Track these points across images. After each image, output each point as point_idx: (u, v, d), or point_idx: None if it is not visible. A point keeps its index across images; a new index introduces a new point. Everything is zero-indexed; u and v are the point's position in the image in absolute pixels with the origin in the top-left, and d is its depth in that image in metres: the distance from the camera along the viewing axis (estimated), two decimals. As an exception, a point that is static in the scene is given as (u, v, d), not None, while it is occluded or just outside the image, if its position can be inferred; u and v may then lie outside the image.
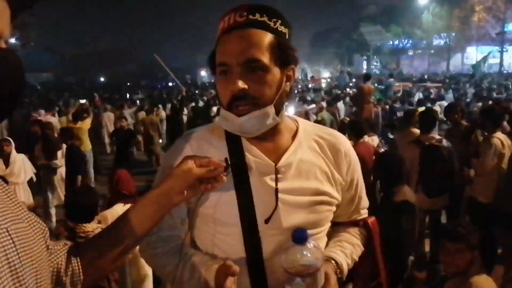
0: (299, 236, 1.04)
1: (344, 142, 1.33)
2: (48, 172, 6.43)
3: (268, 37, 1.13)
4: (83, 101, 15.11)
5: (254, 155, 1.21)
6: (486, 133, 4.55)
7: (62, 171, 6.54)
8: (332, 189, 1.26)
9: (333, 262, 1.25)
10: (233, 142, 1.23)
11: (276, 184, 1.18)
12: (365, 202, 1.43)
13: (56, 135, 9.29)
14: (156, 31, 54.88)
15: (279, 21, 1.17)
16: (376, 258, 1.46)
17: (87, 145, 8.17)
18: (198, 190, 1.07)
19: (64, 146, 6.54)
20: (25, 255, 0.81)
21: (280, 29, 1.16)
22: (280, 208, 1.17)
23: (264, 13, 1.14)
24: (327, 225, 1.31)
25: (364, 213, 1.44)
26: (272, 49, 1.13)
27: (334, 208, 1.29)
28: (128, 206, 3.33)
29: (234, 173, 1.15)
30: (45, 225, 0.99)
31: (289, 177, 1.20)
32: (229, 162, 1.09)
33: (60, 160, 6.43)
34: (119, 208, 3.30)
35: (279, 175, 1.19)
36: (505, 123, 5.38)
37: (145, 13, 58.45)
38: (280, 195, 1.17)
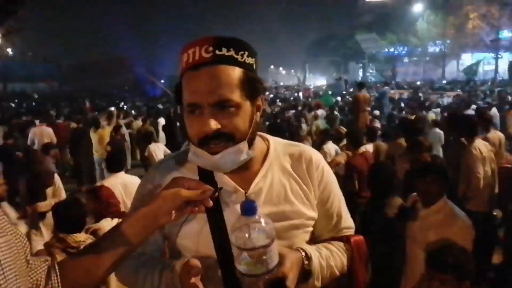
0: (248, 207, 0.99)
1: (315, 155, 1.31)
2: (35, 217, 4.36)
3: (236, 73, 1.10)
4: (112, 108, 15.14)
5: (224, 184, 1.19)
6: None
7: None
8: (306, 208, 1.24)
9: (302, 252, 1.18)
10: (204, 171, 1.21)
11: None
12: (346, 221, 1.37)
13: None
14: (152, 40, 55.03)
15: (246, 53, 1.13)
16: (357, 280, 1.36)
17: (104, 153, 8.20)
18: (185, 212, 1.06)
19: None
20: (9, 270, 0.80)
21: (247, 61, 1.14)
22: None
23: (230, 47, 1.10)
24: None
25: (347, 232, 1.37)
26: (242, 85, 1.11)
27: (309, 229, 1.27)
28: (115, 221, 3.32)
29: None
30: (26, 240, 0.97)
31: (260, 203, 1.16)
32: (219, 187, 1.08)
33: (49, 200, 4.45)
34: (106, 223, 3.25)
35: None
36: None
37: (141, 22, 58.69)
38: None
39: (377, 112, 12.61)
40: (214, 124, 1.08)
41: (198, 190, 1.04)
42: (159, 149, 6.90)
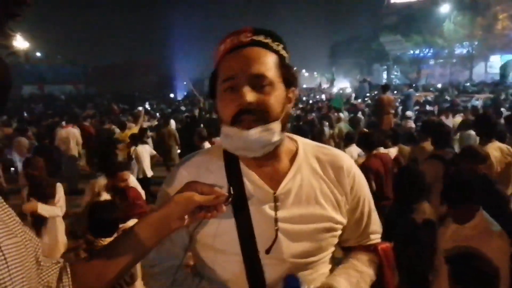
0: (291, 282, 1.01)
1: (345, 160, 1.28)
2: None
3: (273, 57, 1.14)
4: (140, 108, 15.40)
5: (252, 182, 1.17)
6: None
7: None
8: (336, 213, 1.21)
9: None
10: (232, 167, 1.19)
11: (276, 213, 1.14)
12: (375, 225, 1.34)
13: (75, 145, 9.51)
14: (176, 43, 55.67)
15: (281, 45, 1.17)
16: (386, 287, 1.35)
17: None
18: (197, 217, 1.05)
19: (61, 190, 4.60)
20: (16, 272, 0.80)
21: (281, 53, 1.17)
22: (280, 238, 1.13)
23: (268, 36, 1.15)
24: (331, 250, 1.25)
25: (375, 238, 1.35)
26: (277, 68, 1.13)
27: (338, 233, 1.24)
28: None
29: (233, 201, 1.11)
30: (38, 241, 0.97)
31: (288, 204, 1.16)
32: (232, 192, 1.06)
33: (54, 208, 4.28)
34: (132, 223, 3.28)
35: (278, 203, 1.15)
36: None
37: (166, 25, 59.47)
38: (279, 224, 1.14)
39: (409, 113, 12.36)
40: (250, 96, 1.07)
41: (211, 196, 1.03)
42: (145, 151, 7.09)
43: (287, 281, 1.00)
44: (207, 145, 6.83)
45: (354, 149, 6.16)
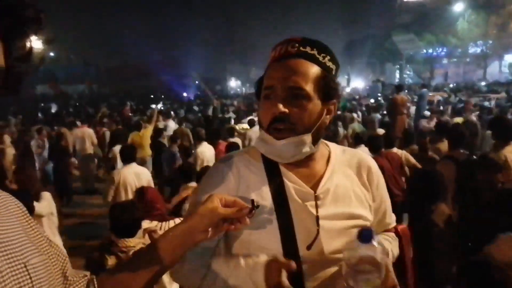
0: (366, 235, 1.04)
1: (371, 161, 1.39)
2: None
3: (315, 69, 1.19)
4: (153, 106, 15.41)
5: (292, 182, 1.24)
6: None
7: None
8: (366, 211, 1.30)
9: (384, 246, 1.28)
10: (271, 167, 1.26)
11: (317, 211, 1.21)
12: (391, 217, 1.46)
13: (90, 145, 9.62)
14: (187, 43, 55.87)
15: (328, 57, 1.23)
16: (406, 264, 1.48)
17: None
18: (222, 229, 1.09)
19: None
20: None
21: (328, 64, 1.22)
22: (321, 234, 1.20)
23: (315, 47, 1.21)
24: None
25: (393, 223, 1.48)
26: (317, 81, 1.19)
27: None
28: (154, 223, 3.36)
29: (274, 199, 1.20)
30: (66, 255, 0.99)
31: (327, 203, 1.23)
32: (256, 205, 1.10)
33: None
34: (145, 224, 3.31)
35: (318, 202, 1.22)
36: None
37: (177, 25, 59.71)
38: (320, 222, 1.20)
39: (427, 113, 12.28)
40: (282, 106, 1.16)
41: (235, 208, 1.06)
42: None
43: (362, 233, 1.04)
44: (205, 145, 6.80)
45: (364, 150, 6.21)
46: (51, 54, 47.33)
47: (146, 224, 3.33)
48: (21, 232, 0.84)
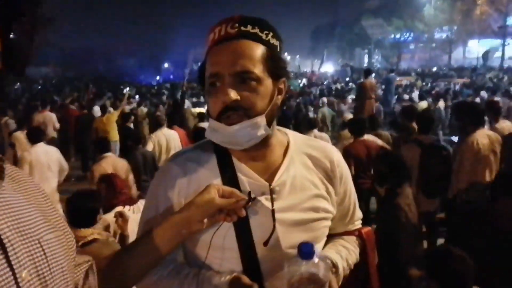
0: (306, 250, 0.99)
1: (335, 153, 1.30)
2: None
3: (260, 49, 1.12)
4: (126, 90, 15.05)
5: (246, 175, 1.17)
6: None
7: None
8: (328, 204, 1.23)
9: (328, 261, 1.20)
10: (224, 161, 1.20)
11: (272, 205, 1.15)
12: (359, 213, 1.40)
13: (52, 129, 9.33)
14: (155, 26, 54.69)
15: (271, 34, 1.15)
16: (370, 271, 1.43)
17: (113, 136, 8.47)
18: (217, 220, 1.06)
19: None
20: (56, 267, 0.80)
21: (272, 42, 1.15)
22: (278, 229, 1.14)
23: (256, 25, 1.13)
24: (323, 242, 1.28)
25: (358, 224, 1.42)
26: (265, 61, 1.11)
27: (329, 223, 1.27)
28: (127, 208, 3.32)
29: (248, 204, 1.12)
30: (73, 237, 0.98)
31: (284, 196, 1.17)
32: (253, 196, 1.07)
33: None
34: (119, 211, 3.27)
35: (274, 195, 1.16)
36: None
37: (144, 7, 58.29)
38: (277, 216, 1.14)
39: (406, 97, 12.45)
40: (233, 94, 1.08)
41: (232, 199, 1.04)
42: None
43: (301, 248, 0.99)
44: (163, 131, 6.67)
45: (317, 134, 6.35)
46: (11, 35, 45.42)
47: (119, 210, 3.27)
48: (35, 208, 0.82)
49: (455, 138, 7.01)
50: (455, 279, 2.03)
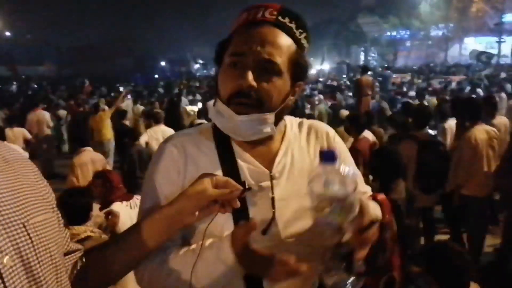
0: (328, 155, 0.92)
1: (328, 128, 1.28)
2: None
3: (290, 44, 1.09)
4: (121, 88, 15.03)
5: (246, 162, 1.13)
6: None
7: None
8: None
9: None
10: (223, 146, 1.15)
11: (272, 192, 1.11)
12: (363, 187, 1.29)
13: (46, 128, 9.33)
14: (151, 24, 54.52)
15: (304, 34, 1.12)
16: (391, 237, 1.22)
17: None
18: (211, 211, 1.00)
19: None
20: (44, 251, 0.77)
21: (303, 42, 1.12)
22: (278, 217, 1.10)
23: (293, 20, 1.10)
24: None
25: (368, 192, 1.29)
26: (291, 58, 1.08)
27: None
28: (124, 203, 3.32)
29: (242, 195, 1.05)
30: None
31: (283, 182, 1.13)
32: (247, 186, 1.02)
33: None
34: (118, 207, 3.29)
35: (273, 181, 1.12)
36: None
37: (141, 5, 58.08)
38: (276, 204, 1.11)
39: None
40: (252, 80, 1.03)
41: (226, 190, 0.98)
42: None
43: (323, 154, 0.93)
44: (159, 128, 6.65)
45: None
46: (8, 33, 45.19)
47: (117, 206, 3.30)
48: (24, 190, 0.79)
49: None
50: (452, 274, 2.02)
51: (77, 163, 5.18)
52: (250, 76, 1.03)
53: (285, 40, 1.07)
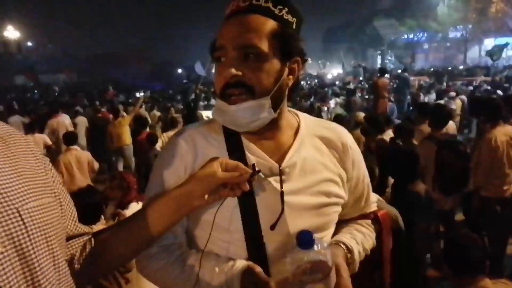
0: (305, 239, 0.93)
1: (347, 136, 1.25)
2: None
3: (270, 24, 1.06)
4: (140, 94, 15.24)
5: (255, 155, 1.12)
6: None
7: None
8: (339, 188, 1.18)
9: (342, 246, 1.15)
10: (232, 139, 1.14)
11: (281, 187, 1.09)
12: (373, 196, 1.36)
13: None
14: (169, 31, 55.13)
15: (286, 9, 1.09)
16: (384, 255, 1.38)
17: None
18: (221, 195, 1.00)
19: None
20: (39, 237, 0.76)
21: (286, 18, 1.09)
22: (286, 212, 1.08)
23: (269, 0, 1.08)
24: (333, 228, 1.23)
25: (374, 206, 1.36)
26: (273, 37, 1.06)
27: (340, 209, 1.21)
28: (141, 204, 3.35)
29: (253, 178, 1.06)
30: (72, 202, 0.96)
31: (293, 178, 1.11)
32: (257, 169, 1.01)
33: None
34: (135, 207, 3.29)
35: (283, 176, 1.10)
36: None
37: (159, 13, 58.86)
38: (285, 198, 1.09)
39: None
40: (234, 70, 1.03)
41: (236, 173, 0.98)
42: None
43: (299, 237, 0.93)
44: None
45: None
46: (29, 44, 46.26)
47: (134, 206, 3.30)
48: (23, 174, 0.78)
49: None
50: (468, 264, 2.00)
51: (62, 161, 5.47)
52: (231, 66, 1.03)
53: (262, 21, 1.06)
